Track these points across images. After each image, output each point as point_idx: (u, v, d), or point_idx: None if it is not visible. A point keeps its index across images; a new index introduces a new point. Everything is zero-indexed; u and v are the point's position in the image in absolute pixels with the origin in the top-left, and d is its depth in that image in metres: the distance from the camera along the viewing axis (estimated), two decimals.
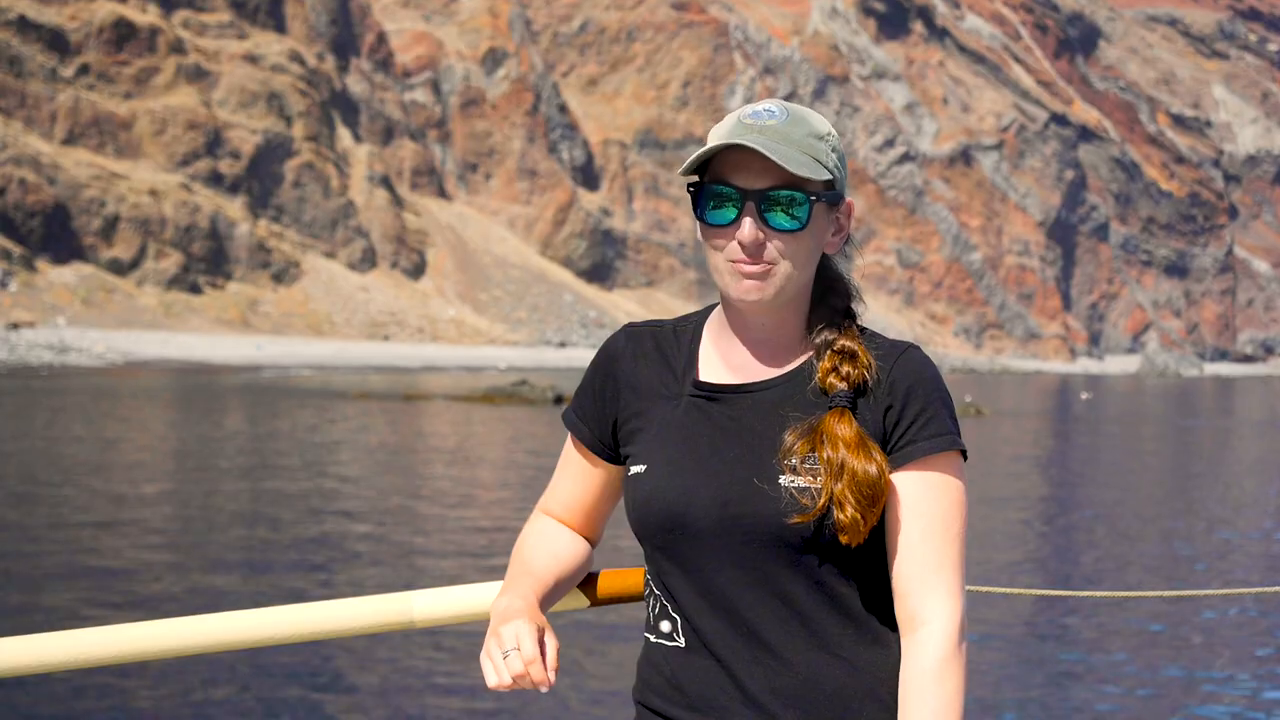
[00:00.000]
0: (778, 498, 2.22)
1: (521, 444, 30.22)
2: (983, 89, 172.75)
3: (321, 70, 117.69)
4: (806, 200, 2.22)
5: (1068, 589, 13.98)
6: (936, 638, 2.20)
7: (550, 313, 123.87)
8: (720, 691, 2.28)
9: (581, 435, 2.46)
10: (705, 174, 2.28)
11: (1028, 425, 44.57)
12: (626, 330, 2.47)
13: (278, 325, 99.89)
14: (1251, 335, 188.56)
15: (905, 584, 2.23)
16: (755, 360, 2.33)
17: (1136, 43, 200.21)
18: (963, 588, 2.24)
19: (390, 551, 14.80)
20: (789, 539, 2.22)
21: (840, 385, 2.26)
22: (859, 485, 2.19)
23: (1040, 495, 23.47)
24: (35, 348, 70.46)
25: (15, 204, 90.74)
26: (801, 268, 2.26)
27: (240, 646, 2.44)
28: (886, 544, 2.27)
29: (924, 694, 2.19)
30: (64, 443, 25.74)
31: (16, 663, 2.35)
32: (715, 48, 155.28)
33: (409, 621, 2.52)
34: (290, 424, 32.58)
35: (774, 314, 2.30)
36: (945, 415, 2.28)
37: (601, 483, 2.48)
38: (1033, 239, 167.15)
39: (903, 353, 2.31)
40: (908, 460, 2.24)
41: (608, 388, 2.43)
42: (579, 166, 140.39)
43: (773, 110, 2.24)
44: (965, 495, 2.28)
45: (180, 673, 9.22)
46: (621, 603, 2.64)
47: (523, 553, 2.47)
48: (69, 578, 12.42)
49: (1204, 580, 14.74)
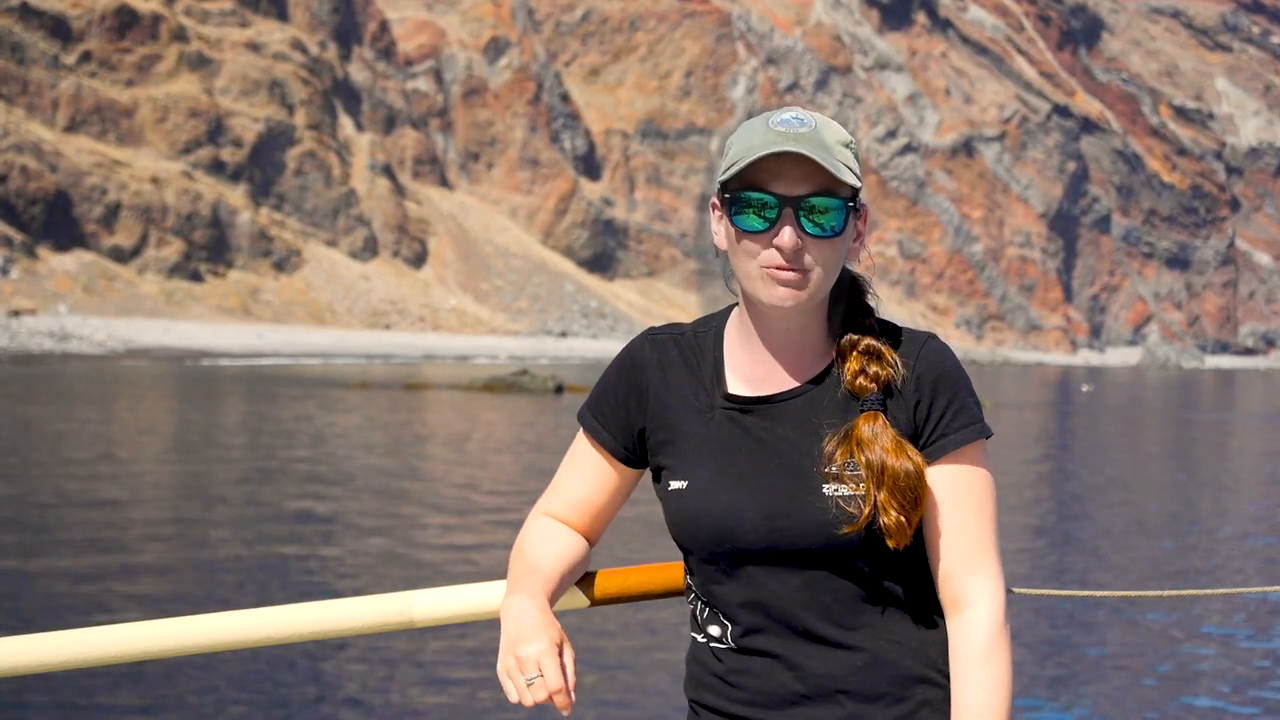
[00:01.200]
0: (824, 508, 2.26)
1: (522, 435, 30.21)
2: (985, 80, 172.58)
3: (323, 59, 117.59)
4: (842, 206, 2.26)
5: (1068, 589, 13.98)
6: (984, 618, 2.28)
7: (551, 302, 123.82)
8: (779, 685, 2.32)
9: (603, 440, 2.47)
10: (732, 180, 2.29)
11: (1030, 417, 44.55)
12: (650, 338, 2.48)
13: (279, 314, 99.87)
14: (1253, 328, 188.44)
15: (949, 569, 2.31)
16: (781, 366, 2.36)
17: (1139, 35, 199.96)
18: (1001, 568, 2.32)
19: (389, 549, 14.80)
20: (837, 546, 2.27)
21: (870, 386, 2.31)
22: (901, 489, 2.24)
23: (1042, 494, 23.46)
24: (36, 335, 70.44)
25: (17, 191, 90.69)
26: (833, 273, 2.30)
27: (240, 646, 2.44)
28: (926, 533, 2.33)
29: (976, 673, 2.26)
30: (61, 433, 25.73)
31: (16, 663, 2.35)
32: (718, 38, 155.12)
33: (409, 621, 2.52)
34: (290, 413, 32.57)
35: (801, 318, 2.33)
36: (972, 404, 2.34)
37: (615, 486, 2.50)
38: (1034, 230, 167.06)
39: (924, 344, 2.36)
40: (942, 454, 2.31)
41: (633, 396, 2.45)
42: (581, 156, 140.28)
43: (802, 119, 2.27)
44: (993, 478, 2.36)
45: (180, 673, 9.21)
46: (620, 602, 2.64)
47: (526, 551, 2.48)
48: (69, 578, 12.41)
49: (1204, 580, 14.74)
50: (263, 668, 9.49)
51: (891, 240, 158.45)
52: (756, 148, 2.24)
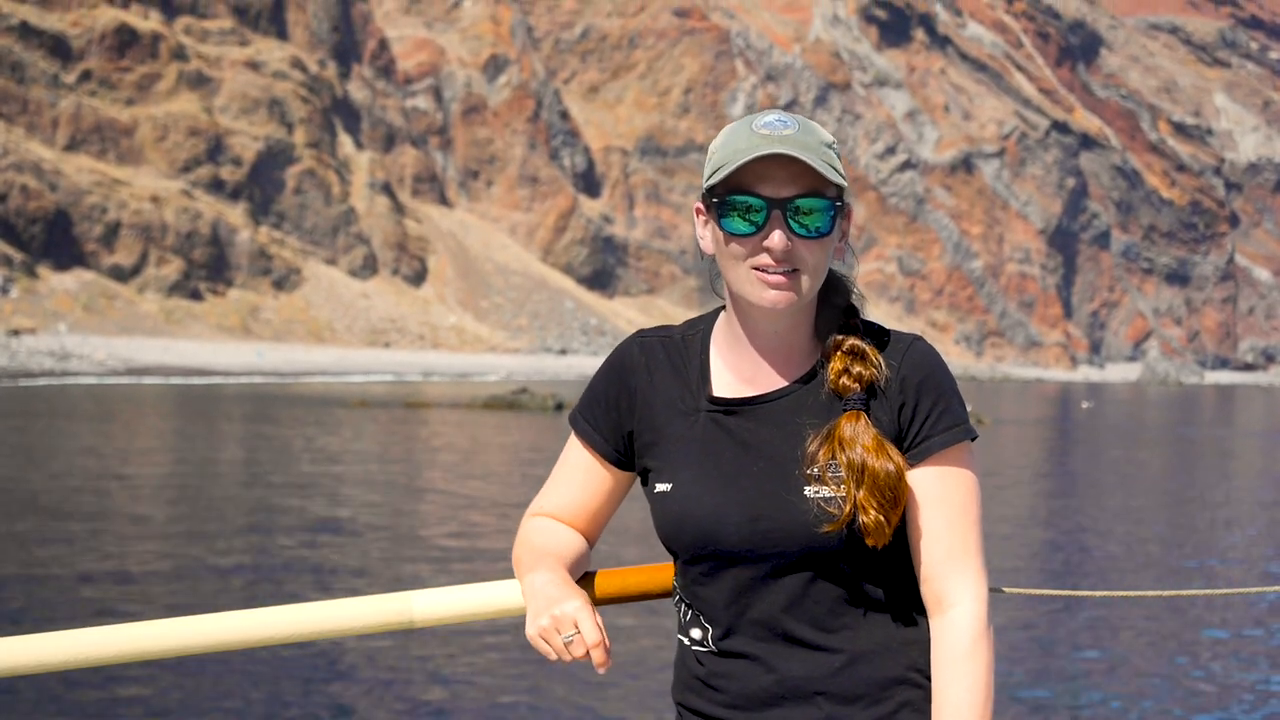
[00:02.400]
0: (806, 509, 2.26)
1: (522, 456, 30.19)
2: (984, 97, 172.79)
3: (323, 77, 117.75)
4: (829, 207, 2.27)
5: (1068, 589, 13.96)
6: (966, 618, 2.27)
7: (551, 320, 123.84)
8: (758, 687, 2.32)
9: (594, 443, 2.47)
10: (718, 185, 2.30)
11: (1030, 434, 44.53)
12: (639, 341, 2.48)
13: (279, 332, 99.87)
14: (1252, 343, 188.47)
15: (931, 570, 2.30)
16: (767, 368, 2.36)
17: (1138, 51, 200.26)
18: (985, 570, 2.31)
19: (390, 570, 14.79)
20: (818, 547, 2.26)
21: (853, 386, 2.30)
22: (880, 488, 2.24)
23: (1041, 507, 23.45)
24: (36, 354, 70.43)
25: (17, 210, 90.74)
26: (821, 274, 2.30)
27: (240, 646, 2.43)
28: (909, 534, 2.33)
29: (957, 672, 2.26)
30: (65, 449, 25.73)
31: (16, 663, 2.35)
32: (717, 55, 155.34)
33: (409, 621, 2.51)
34: (289, 432, 32.56)
35: (789, 319, 2.33)
36: (956, 406, 2.34)
37: (608, 489, 2.50)
38: (1034, 247, 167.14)
39: (910, 346, 2.35)
40: (926, 455, 2.31)
41: (622, 399, 2.45)
42: (580, 173, 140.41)
43: (785, 120, 2.27)
44: (979, 480, 2.35)
45: (180, 673, 9.22)
46: (620, 602, 2.64)
47: (532, 542, 2.49)
48: (70, 579, 12.41)
49: (1204, 581, 14.74)
50: (263, 668, 9.50)
51: (891, 257, 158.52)
52: (742, 151, 2.24)
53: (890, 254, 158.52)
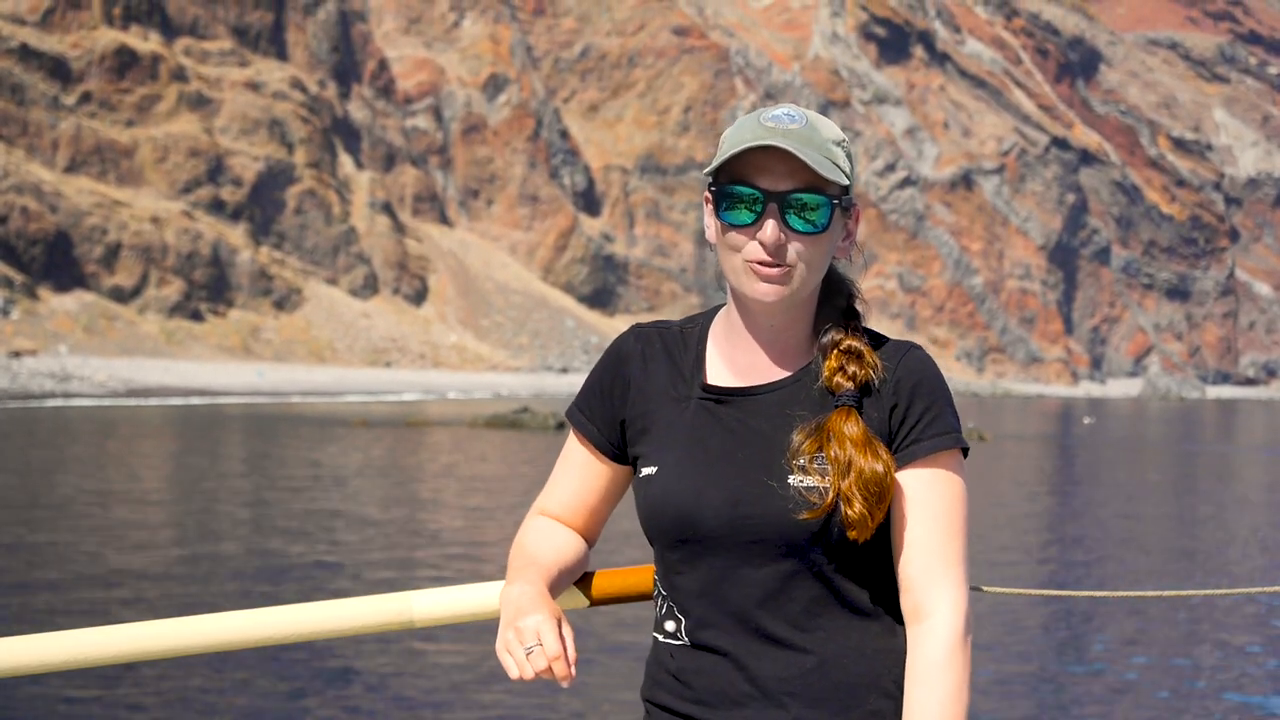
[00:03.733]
0: (787, 497, 2.25)
1: (523, 475, 30.19)
2: (983, 113, 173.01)
3: (323, 97, 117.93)
4: (827, 203, 2.26)
5: (1068, 589, 13.96)
6: (943, 629, 2.24)
7: (552, 338, 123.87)
8: (728, 685, 2.30)
9: (589, 434, 2.48)
10: (720, 174, 2.31)
11: (1031, 450, 44.51)
12: (635, 331, 2.49)
13: (279, 352, 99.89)
14: (1253, 358, 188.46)
15: (911, 578, 2.27)
16: (762, 362, 2.36)
17: (1137, 66, 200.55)
18: (967, 581, 2.28)
19: (389, 571, 14.79)
20: (798, 537, 2.25)
21: (846, 384, 2.30)
22: (866, 482, 2.22)
23: (1039, 518, 23.43)
24: (37, 376, 70.44)
25: (17, 232, 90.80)
26: (817, 270, 2.29)
27: (240, 646, 2.44)
28: (892, 539, 2.31)
29: (930, 683, 2.22)
30: (67, 462, 25.74)
31: (16, 663, 2.35)
32: (716, 73, 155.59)
33: (409, 621, 2.52)
34: (291, 451, 32.57)
35: (785, 315, 2.33)
36: (949, 413, 2.32)
37: (606, 482, 2.50)
38: (1034, 263, 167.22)
39: (906, 352, 2.35)
40: (913, 458, 2.29)
41: (617, 388, 2.45)
42: (580, 192, 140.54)
43: (793, 115, 2.28)
44: (967, 490, 2.33)
45: (180, 673, 9.22)
46: (619, 603, 2.64)
47: (525, 547, 2.48)
48: (70, 580, 12.41)
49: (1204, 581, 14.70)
50: (263, 668, 9.50)
51: (891, 273, 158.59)
52: (744, 141, 2.25)
53: (891, 270, 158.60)
